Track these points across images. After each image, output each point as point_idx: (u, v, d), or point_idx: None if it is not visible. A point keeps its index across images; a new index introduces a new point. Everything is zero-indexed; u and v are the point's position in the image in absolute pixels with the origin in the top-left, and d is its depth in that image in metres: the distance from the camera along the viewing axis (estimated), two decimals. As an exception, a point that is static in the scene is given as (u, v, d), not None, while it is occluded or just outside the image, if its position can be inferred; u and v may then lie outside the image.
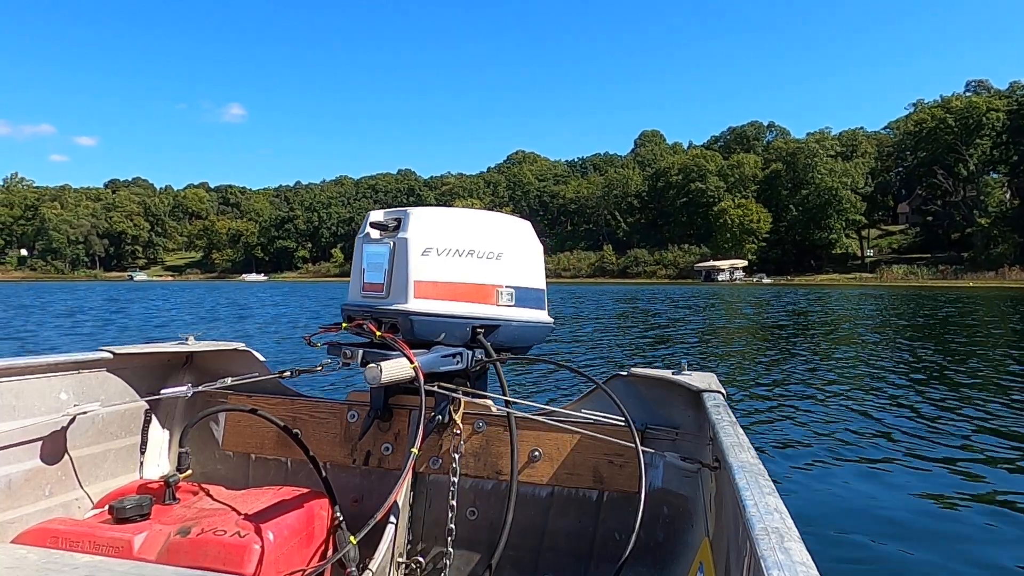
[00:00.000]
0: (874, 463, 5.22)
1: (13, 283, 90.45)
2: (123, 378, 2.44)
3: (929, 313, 24.47)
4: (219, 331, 16.85)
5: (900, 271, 78.25)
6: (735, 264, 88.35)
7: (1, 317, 21.79)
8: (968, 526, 3.99)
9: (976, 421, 6.71)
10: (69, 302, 30.44)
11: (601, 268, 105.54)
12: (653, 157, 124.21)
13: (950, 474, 4.98)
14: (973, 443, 5.86)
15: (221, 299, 37.67)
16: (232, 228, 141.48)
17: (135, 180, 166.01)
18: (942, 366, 10.70)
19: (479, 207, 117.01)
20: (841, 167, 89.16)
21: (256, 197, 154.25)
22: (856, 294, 43.99)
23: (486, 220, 2.48)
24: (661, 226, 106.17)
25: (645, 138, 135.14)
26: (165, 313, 25.29)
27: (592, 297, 39.90)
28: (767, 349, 13.80)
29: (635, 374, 2.43)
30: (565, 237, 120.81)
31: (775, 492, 1.16)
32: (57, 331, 16.76)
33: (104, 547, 1.86)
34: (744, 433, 1.61)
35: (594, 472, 2.34)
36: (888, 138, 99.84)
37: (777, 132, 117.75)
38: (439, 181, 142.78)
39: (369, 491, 2.49)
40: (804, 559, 0.88)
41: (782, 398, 8.01)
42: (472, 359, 2.36)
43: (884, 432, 6.25)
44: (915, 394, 8.24)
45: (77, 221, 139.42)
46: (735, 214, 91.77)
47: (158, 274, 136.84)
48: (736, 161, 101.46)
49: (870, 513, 4.15)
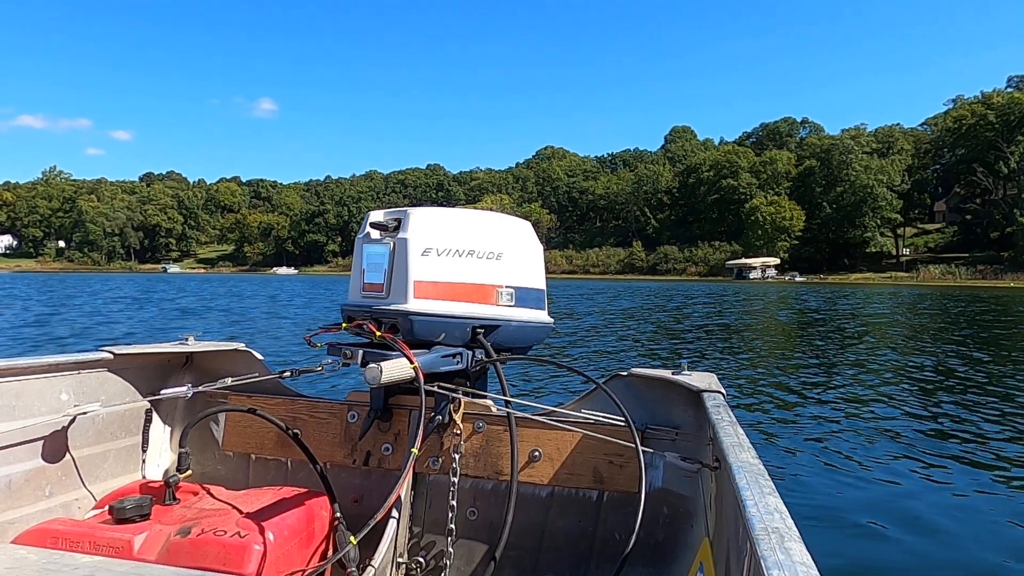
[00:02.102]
0: (875, 463, 5.18)
1: (53, 274, 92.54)
2: (123, 378, 2.45)
3: (966, 314, 23.97)
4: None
5: (937, 271, 76.71)
6: (767, 262, 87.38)
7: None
8: (970, 527, 3.95)
9: (985, 423, 6.59)
10: (181, 300, 30.52)
11: (630, 265, 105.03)
12: (684, 153, 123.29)
13: (952, 475, 4.92)
14: (977, 444, 5.76)
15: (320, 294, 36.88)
16: (263, 222, 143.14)
17: (169, 174, 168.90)
18: (961, 368, 10.47)
19: (508, 203, 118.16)
20: (877, 164, 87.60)
21: (287, 191, 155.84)
22: (893, 293, 43.27)
23: (486, 220, 2.46)
24: (691, 223, 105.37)
25: (676, 134, 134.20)
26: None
27: (624, 294, 39.66)
28: (781, 348, 13.65)
29: (635, 374, 2.42)
30: (594, 233, 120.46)
31: (775, 492, 1.16)
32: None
33: (104, 547, 1.87)
34: (744, 433, 1.61)
35: (594, 472, 2.33)
36: (925, 135, 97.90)
37: (811, 128, 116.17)
38: (468, 176, 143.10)
39: (369, 491, 2.48)
40: (804, 559, 0.88)
41: (784, 398, 7.94)
42: (472, 359, 2.34)
43: (885, 432, 6.17)
44: (922, 395, 8.10)
45: (113, 214, 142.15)
46: (767, 211, 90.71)
47: (191, 266, 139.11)
48: (769, 158, 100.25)
49: (871, 513, 4.12)
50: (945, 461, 5.24)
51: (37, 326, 15.72)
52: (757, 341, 15.05)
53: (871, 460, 5.25)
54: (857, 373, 9.82)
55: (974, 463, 5.21)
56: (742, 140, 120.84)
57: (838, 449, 5.58)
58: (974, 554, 3.58)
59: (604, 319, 20.05)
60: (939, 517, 4.08)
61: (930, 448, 5.62)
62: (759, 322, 20.76)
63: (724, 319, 21.22)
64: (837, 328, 18.04)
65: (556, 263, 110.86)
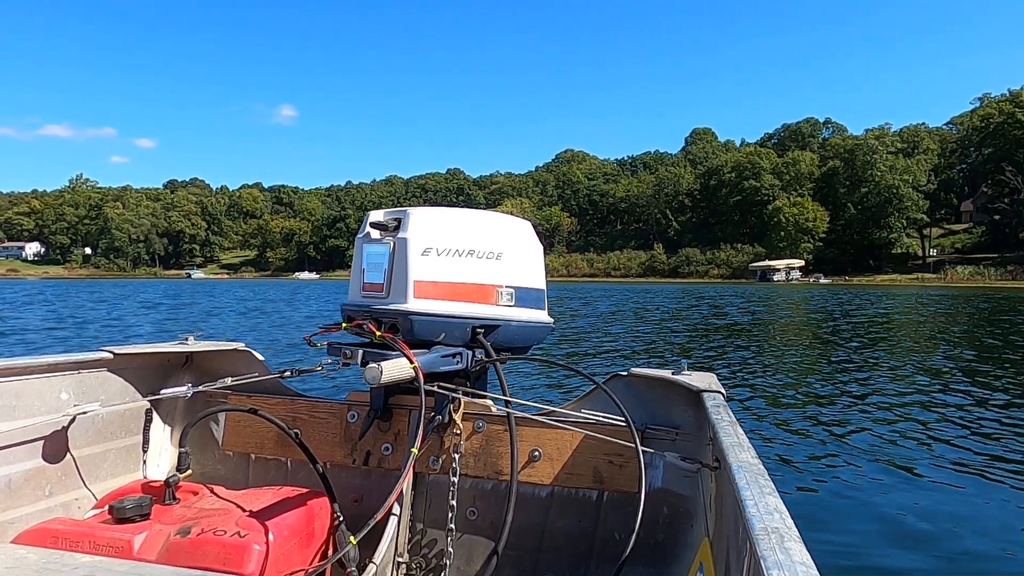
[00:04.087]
0: (875, 463, 5.16)
1: (80, 280, 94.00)
2: (123, 378, 2.46)
3: (993, 315, 23.53)
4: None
5: (965, 272, 75.45)
6: (791, 264, 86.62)
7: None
8: (970, 527, 3.91)
9: (990, 423, 6.53)
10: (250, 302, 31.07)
11: (651, 267, 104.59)
12: (705, 155, 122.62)
13: (953, 475, 4.89)
14: (980, 444, 5.73)
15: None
16: (285, 227, 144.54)
17: (192, 180, 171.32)
18: (977, 370, 10.29)
19: (528, 206, 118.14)
20: (902, 164, 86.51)
21: (308, 197, 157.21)
22: (918, 295, 42.65)
23: (486, 220, 2.45)
24: (713, 225, 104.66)
25: (696, 136, 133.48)
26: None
27: (646, 297, 39.50)
28: (796, 348, 13.53)
29: (635, 374, 2.40)
30: (615, 236, 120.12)
31: (775, 492, 1.16)
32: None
33: (104, 547, 1.87)
34: (744, 433, 1.60)
35: (594, 472, 2.32)
36: (951, 134, 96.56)
37: (834, 129, 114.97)
38: (488, 180, 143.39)
39: (369, 491, 2.48)
40: (804, 559, 0.88)
41: (786, 398, 7.92)
42: (472, 359, 2.34)
43: (887, 432, 6.14)
44: (926, 396, 8.02)
45: (138, 220, 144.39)
46: (790, 213, 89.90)
47: (214, 272, 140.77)
48: (791, 159, 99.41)
49: (871, 513, 4.11)
50: (947, 461, 5.21)
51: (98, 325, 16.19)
52: (775, 341, 14.91)
53: (872, 460, 5.23)
54: (865, 375, 9.70)
55: (975, 463, 5.18)
56: (764, 141, 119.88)
57: (839, 449, 5.56)
58: (974, 554, 3.56)
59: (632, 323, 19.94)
60: (940, 517, 4.05)
61: (934, 449, 5.58)
62: (779, 323, 20.56)
63: (747, 319, 21.07)
64: (854, 329, 17.87)
65: (577, 266, 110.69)
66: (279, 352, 11.31)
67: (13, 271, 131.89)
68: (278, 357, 10.36)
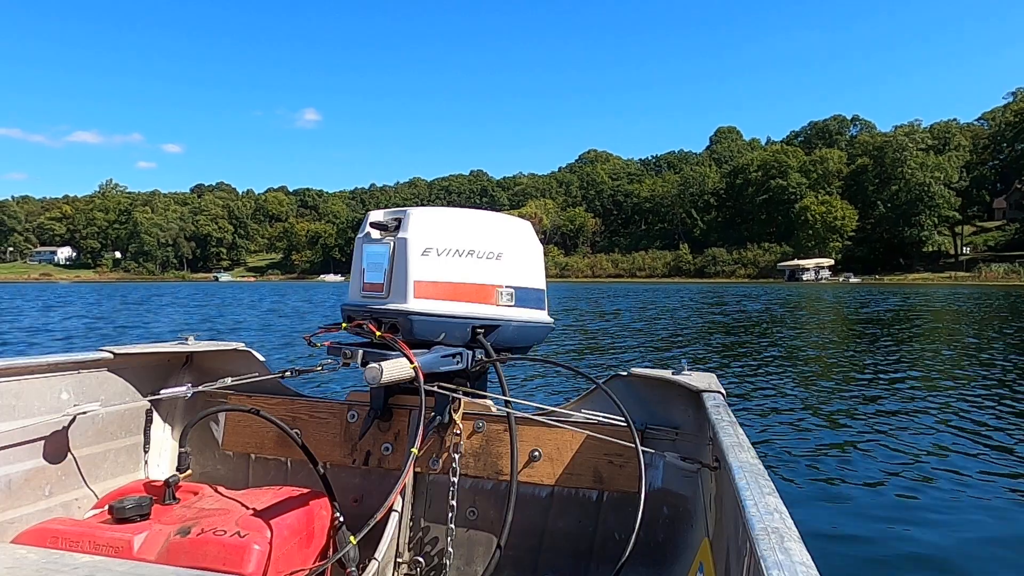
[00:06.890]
0: (875, 463, 5.13)
1: (111, 283, 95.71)
2: (123, 378, 2.47)
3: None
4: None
5: (1000, 269, 74.02)
6: (820, 263, 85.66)
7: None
8: (970, 527, 3.90)
9: (989, 423, 6.45)
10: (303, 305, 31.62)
11: (677, 267, 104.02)
12: (730, 154, 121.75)
13: (954, 475, 4.86)
14: (982, 446, 5.67)
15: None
16: (311, 230, 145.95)
17: (219, 184, 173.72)
18: (995, 372, 10.05)
19: (552, 207, 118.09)
20: (933, 161, 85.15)
21: (333, 199, 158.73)
22: (953, 294, 41.90)
23: (486, 220, 2.45)
24: (739, 224, 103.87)
25: (721, 135, 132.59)
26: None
27: (674, 296, 39.25)
28: (808, 349, 13.35)
29: (635, 374, 2.38)
30: (640, 236, 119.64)
31: (775, 492, 1.16)
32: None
33: (104, 547, 1.87)
34: (744, 433, 1.60)
35: (594, 472, 2.31)
36: (983, 130, 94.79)
37: (862, 126, 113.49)
38: (511, 181, 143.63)
39: (369, 491, 2.48)
40: (804, 559, 0.88)
41: (788, 398, 7.87)
42: (472, 359, 2.33)
43: (887, 433, 6.09)
44: (928, 397, 7.92)
45: (167, 225, 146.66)
46: (818, 211, 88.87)
47: (241, 275, 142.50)
48: (819, 156, 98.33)
49: (871, 513, 4.10)
50: (948, 462, 5.19)
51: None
52: (791, 342, 14.75)
53: (872, 460, 5.21)
54: (870, 377, 9.55)
55: (978, 464, 5.15)
56: (790, 139, 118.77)
57: (839, 449, 5.54)
58: (975, 554, 3.53)
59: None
60: (941, 518, 4.04)
61: (935, 450, 5.55)
62: (797, 323, 20.32)
63: (766, 318, 20.83)
64: (875, 328, 17.65)
65: (602, 267, 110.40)
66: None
67: (46, 275, 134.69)
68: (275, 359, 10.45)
